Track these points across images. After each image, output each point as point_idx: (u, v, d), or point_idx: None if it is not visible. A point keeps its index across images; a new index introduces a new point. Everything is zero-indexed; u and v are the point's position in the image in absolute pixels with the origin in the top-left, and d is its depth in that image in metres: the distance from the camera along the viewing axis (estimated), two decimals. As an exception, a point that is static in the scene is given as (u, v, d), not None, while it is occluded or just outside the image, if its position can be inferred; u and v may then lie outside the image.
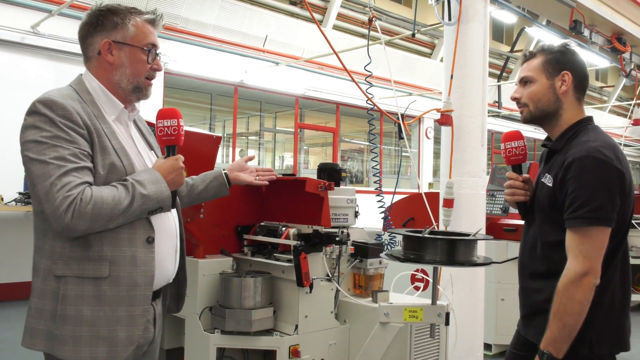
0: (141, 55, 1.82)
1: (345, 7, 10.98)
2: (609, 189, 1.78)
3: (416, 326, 2.98)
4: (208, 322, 3.08)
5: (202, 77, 9.04)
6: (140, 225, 1.75)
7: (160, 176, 1.75)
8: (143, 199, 1.68)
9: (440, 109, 3.72)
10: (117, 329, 1.69)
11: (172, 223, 1.91)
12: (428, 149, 13.29)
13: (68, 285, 1.66)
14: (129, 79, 1.82)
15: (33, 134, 1.64)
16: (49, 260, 1.68)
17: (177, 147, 1.84)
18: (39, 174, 1.60)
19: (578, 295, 1.75)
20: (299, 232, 3.10)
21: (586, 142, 1.85)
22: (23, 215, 7.02)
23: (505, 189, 2.11)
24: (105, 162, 1.70)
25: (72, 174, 1.60)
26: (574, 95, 2.00)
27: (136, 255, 1.73)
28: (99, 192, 1.62)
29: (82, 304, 1.66)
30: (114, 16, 1.80)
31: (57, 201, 1.57)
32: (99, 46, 1.79)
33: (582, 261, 1.75)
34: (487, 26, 3.81)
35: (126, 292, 1.70)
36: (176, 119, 1.81)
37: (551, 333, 1.78)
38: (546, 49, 2.03)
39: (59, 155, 1.60)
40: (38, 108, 1.66)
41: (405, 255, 2.19)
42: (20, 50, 7.09)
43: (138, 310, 1.73)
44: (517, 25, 14.10)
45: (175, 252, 1.92)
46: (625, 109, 17.68)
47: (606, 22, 6.02)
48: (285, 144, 13.04)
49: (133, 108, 1.91)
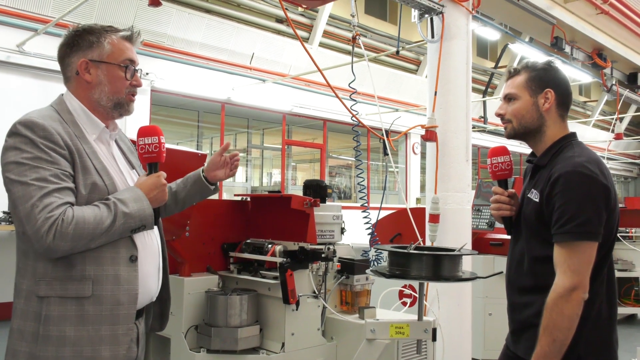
0: (119, 72, 1.82)
1: (331, 25, 11.08)
2: (595, 204, 1.79)
3: (403, 342, 2.98)
4: (194, 341, 3.05)
5: (189, 94, 9.04)
6: (123, 243, 1.74)
7: (143, 194, 1.74)
8: (125, 217, 1.67)
9: (425, 125, 3.75)
10: (100, 348, 1.67)
11: (154, 241, 1.90)
12: (415, 164, 13.35)
13: (51, 305, 1.64)
14: (108, 97, 1.82)
15: (14, 155, 1.63)
16: (31, 281, 1.67)
17: (158, 164, 1.83)
18: (20, 195, 1.59)
19: (567, 310, 1.75)
20: (285, 249, 3.10)
21: (571, 157, 1.87)
22: (7, 235, 6.93)
23: (491, 204, 2.13)
24: (87, 182, 1.70)
25: (54, 195, 1.59)
26: (557, 112, 2.01)
27: (119, 274, 1.71)
28: (80, 212, 1.62)
29: (65, 324, 1.64)
30: (90, 35, 1.81)
31: (38, 222, 1.56)
32: (76, 66, 1.80)
33: (571, 276, 1.75)
34: (469, 43, 3.87)
35: (109, 312, 1.69)
36: (157, 136, 1.81)
37: (541, 348, 1.77)
38: (530, 66, 2.05)
39: (40, 176, 1.60)
40: (19, 129, 1.65)
41: (391, 271, 2.20)
42: (6, 68, 7.07)
43: (122, 329, 1.71)
44: (501, 42, 14.31)
45: (158, 270, 1.91)
46: (608, 123, 17.95)
47: (586, 39, 6.13)
48: (273, 161, 13.03)
49: (115, 127, 1.91)
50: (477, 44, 15.87)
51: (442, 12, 3.76)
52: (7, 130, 1.71)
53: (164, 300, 2.01)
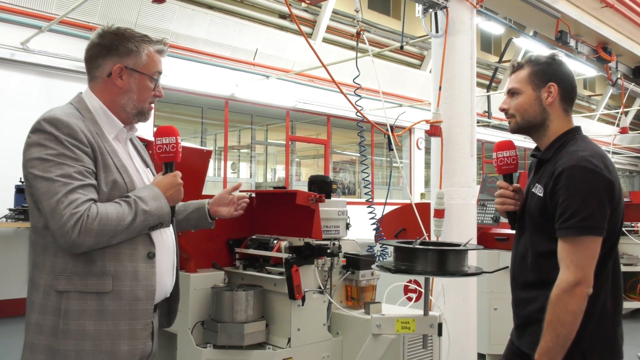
0: (148, 83, 1.87)
1: (335, 20, 11.06)
2: (599, 198, 1.78)
3: (409, 337, 2.98)
4: (200, 337, 3.06)
5: (193, 91, 9.05)
6: (141, 240, 1.78)
7: (161, 192, 1.78)
8: (145, 215, 1.71)
9: (430, 120, 3.74)
10: (119, 342, 1.71)
11: (170, 238, 1.94)
12: (419, 160, 13.34)
13: (70, 300, 1.68)
14: (134, 104, 1.87)
15: (38, 151, 1.65)
16: (50, 275, 1.69)
17: (174, 163, 1.87)
18: (45, 191, 1.62)
19: (571, 305, 1.75)
20: (290, 245, 3.10)
21: (575, 151, 1.86)
22: (13, 232, 6.97)
23: (496, 199, 2.12)
24: (108, 179, 1.73)
25: (78, 191, 1.63)
26: (561, 106, 2.00)
27: (138, 270, 1.76)
28: (104, 208, 1.65)
29: (85, 318, 1.67)
30: (129, 43, 1.83)
31: (64, 218, 1.59)
32: (110, 69, 1.82)
33: (575, 271, 1.75)
34: (474, 38, 3.85)
35: (128, 307, 1.73)
36: (174, 137, 1.86)
37: (545, 343, 1.77)
38: (533, 60, 2.04)
39: (65, 172, 1.63)
40: (43, 126, 1.68)
41: (396, 266, 2.20)
42: (10, 66, 7.08)
43: (140, 324, 1.75)
44: (505, 36, 14.25)
45: (173, 267, 1.95)
46: (613, 117, 17.90)
47: (591, 32, 6.09)
48: (277, 157, 13.03)
49: (132, 127, 1.95)
50: (481, 39, 15.82)
51: (446, 7, 3.75)
52: (11, 127, 1.73)
53: (173, 297, 2.03)
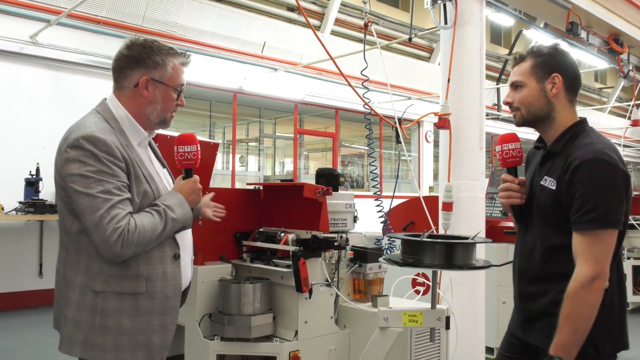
0: (172, 94, 1.98)
1: (343, 13, 11.00)
2: (618, 192, 1.77)
3: (416, 330, 2.97)
4: (207, 329, 3.07)
5: (201, 84, 9.05)
6: (168, 243, 1.93)
7: (184, 199, 1.94)
8: (173, 222, 1.88)
9: (438, 113, 3.72)
10: (152, 336, 1.87)
11: (189, 236, 2.10)
12: (428, 153, 13.29)
13: (107, 300, 1.83)
14: (158, 114, 1.98)
15: (78, 167, 1.77)
16: (86, 276, 1.83)
17: (193, 169, 2.01)
18: (87, 206, 1.75)
19: (590, 299, 1.74)
20: (297, 238, 3.10)
21: (590, 144, 1.84)
22: (24, 225, 7.02)
23: (501, 192, 2.08)
24: (139, 190, 1.87)
25: (118, 207, 1.76)
26: (566, 97, 1.98)
27: (166, 271, 1.91)
28: (140, 221, 1.80)
29: (122, 315, 1.83)
30: (156, 56, 1.93)
31: (107, 232, 1.73)
32: (137, 80, 1.92)
33: (593, 265, 1.74)
34: (483, 29, 3.82)
35: (160, 305, 1.89)
36: (195, 145, 2.00)
37: (562, 338, 1.76)
38: (535, 51, 2.00)
39: (104, 189, 1.76)
40: (82, 144, 1.78)
41: (404, 259, 2.19)
42: (19, 60, 7.11)
43: (170, 319, 1.92)
44: (515, 28, 14.13)
45: (191, 261, 2.12)
46: (624, 109, 17.69)
47: (602, 24, 6.00)
48: (285, 150, 13.03)
49: (152, 133, 2.07)
50: (490, 31, 15.69)
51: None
52: (21, 120, 1.77)
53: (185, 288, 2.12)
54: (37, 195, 6.71)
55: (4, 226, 6.89)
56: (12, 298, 6.89)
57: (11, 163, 6.77)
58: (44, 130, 6.95)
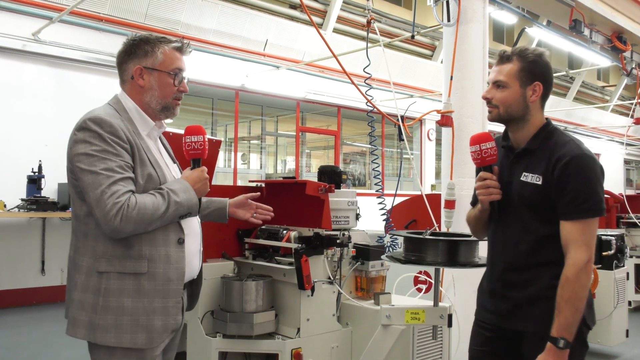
0: (168, 79, 2.03)
1: (345, 10, 10.99)
2: (601, 184, 1.98)
3: (418, 328, 2.98)
4: (210, 326, 3.08)
5: (204, 81, 9.05)
6: (172, 228, 1.97)
7: (190, 186, 1.98)
8: (176, 205, 1.91)
9: (441, 110, 3.71)
10: (154, 318, 1.90)
11: (197, 225, 2.14)
12: (430, 151, 13.27)
13: (110, 280, 1.87)
14: (157, 100, 2.04)
15: (84, 147, 1.85)
16: (91, 258, 1.89)
17: (201, 159, 2.06)
18: (90, 182, 1.81)
19: (586, 280, 1.91)
20: (300, 235, 3.10)
21: (571, 142, 2.02)
22: (26, 222, 7.04)
23: (479, 189, 2.14)
24: (144, 173, 1.93)
25: (119, 183, 1.82)
26: (540, 103, 2.12)
27: (170, 254, 1.95)
28: (141, 199, 1.85)
29: (124, 296, 1.87)
30: (145, 45, 2.02)
31: (107, 207, 1.78)
32: (132, 71, 2.02)
33: (586, 250, 1.91)
34: (486, 27, 3.81)
35: (162, 287, 1.92)
36: (202, 135, 2.04)
37: (565, 319, 1.88)
38: (522, 55, 2.10)
39: (107, 166, 1.83)
40: (88, 125, 1.87)
41: (406, 257, 2.20)
42: (22, 57, 7.12)
43: (171, 302, 1.95)
44: (517, 26, 14.09)
45: (199, 251, 2.14)
46: (627, 108, 17.65)
47: (606, 21, 5.99)
48: (287, 148, 13.02)
49: (160, 125, 2.13)
50: (493, 28, 15.66)
51: (458, -5, 3.70)
52: (23, 117, 1.79)
53: (196, 281, 2.18)
54: (39, 193, 6.72)
55: (6, 223, 6.90)
56: (15, 295, 6.91)
57: (13, 160, 6.78)
58: (47, 128, 6.96)
